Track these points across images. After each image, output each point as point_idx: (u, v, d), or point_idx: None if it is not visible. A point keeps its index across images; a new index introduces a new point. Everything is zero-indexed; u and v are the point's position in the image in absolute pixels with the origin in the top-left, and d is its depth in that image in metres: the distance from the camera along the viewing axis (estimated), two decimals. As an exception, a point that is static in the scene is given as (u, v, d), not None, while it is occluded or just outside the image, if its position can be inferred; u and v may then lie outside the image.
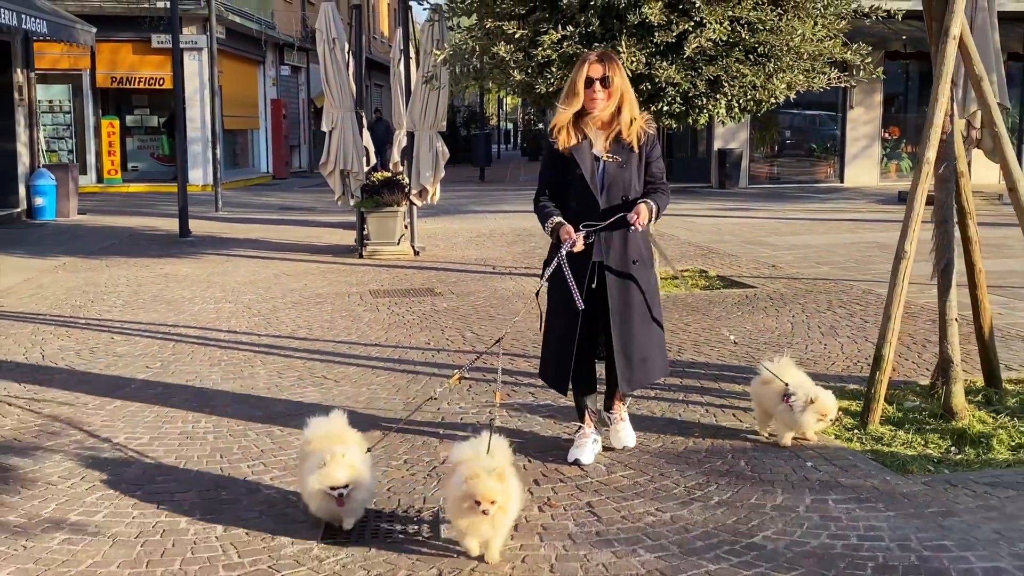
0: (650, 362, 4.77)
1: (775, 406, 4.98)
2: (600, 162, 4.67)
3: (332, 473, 3.87)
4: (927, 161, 5.36)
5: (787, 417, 4.92)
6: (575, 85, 4.60)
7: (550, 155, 4.78)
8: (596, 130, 4.69)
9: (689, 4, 8.59)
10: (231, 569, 3.73)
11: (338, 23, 12.62)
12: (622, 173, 4.65)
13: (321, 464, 3.89)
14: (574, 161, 4.66)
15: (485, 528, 3.68)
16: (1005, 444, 4.99)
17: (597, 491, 4.44)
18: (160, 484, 4.60)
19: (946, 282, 5.46)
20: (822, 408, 4.86)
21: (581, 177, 4.64)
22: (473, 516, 3.64)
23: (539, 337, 5.11)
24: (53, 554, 3.86)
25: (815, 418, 4.86)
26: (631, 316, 4.68)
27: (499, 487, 3.64)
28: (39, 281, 10.51)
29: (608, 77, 4.57)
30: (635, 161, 4.68)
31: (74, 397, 6.06)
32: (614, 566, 3.71)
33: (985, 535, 3.90)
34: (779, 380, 4.95)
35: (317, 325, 8.20)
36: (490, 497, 3.62)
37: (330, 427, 4.21)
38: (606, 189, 4.65)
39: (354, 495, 3.92)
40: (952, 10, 5.26)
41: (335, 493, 3.87)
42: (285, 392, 6.16)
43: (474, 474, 3.64)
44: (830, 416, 4.91)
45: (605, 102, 4.60)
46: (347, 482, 3.87)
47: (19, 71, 16.91)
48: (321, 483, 3.88)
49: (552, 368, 4.83)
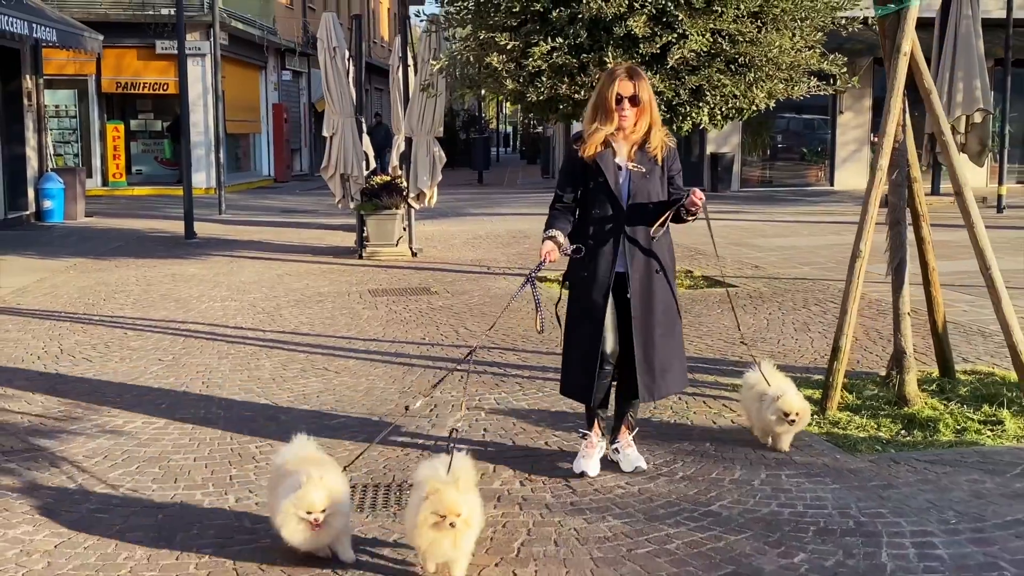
0: (671, 373, 4.76)
1: (754, 409, 5.14)
2: (624, 171, 4.67)
3: (308, 496, 3.66)
4: (880, 168, 5.82)
5: (763, 419, 5.06)
6: (607, 103, 4.61)
7: (571, 162, 4.76)
8: (620, 140, 4.70)
9: (672, 17, 9.05)
10: (243, 532, 4.18)
11: (339, 32, 13.08)
12: (646, 183, 4.66)
13: (296, 487, 3.70)
14: (598, 169, 4.65)
15: (447, 546, 3.58)
16: (950, 427, 5.43)
17: (572, 468, 4.89)
18: (176, 461, 5.05)
19: (899, 280, 5.91)
20: (783, 405, 4.94)
21: (604, 184, 4.65)
22: (436, 533, 3.54)
23: (528, 334, 5.54)
24: (83, 519, 4.32)
25: (776, 416, 4.94)
26: (653, 326, 4.67)
27: (463, 500, 3.56)
28: (52, 281, 10.97)
29: (637, 95, 4.60)
30: (658, 173, 4.70)
31: (93, 386, 6.52)
32: (585, 530, 4.16)
33: (919, 504, 4.35)
34: (762, 384, 5.06)
35: (319, 321, 8.65)
36: (455, 510, 3.53)
37: (300, 451, 4.02)
38: (631, 198, 4.65)
39: (331, 520, 3.71)
40: (903, 29, 5.71)
41: (311, 517, 3.67)
42: (289, 382, 6.61)
43: (435, 488, 3.56)
44: (792, 415, 4.94)
45: (635, 119, 4.64)
46: (323, 506, 3.67)
47: (28, 77, 17.38)
48: (297, 507, 3.67)
49: (577, 380, 4.77)
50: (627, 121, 4.62)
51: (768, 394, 5.01)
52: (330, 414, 5.87)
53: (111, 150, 24.26)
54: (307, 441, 4.12)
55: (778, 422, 4.97)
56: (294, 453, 4.00)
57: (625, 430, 4.93)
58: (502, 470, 4.89)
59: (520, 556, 3.93)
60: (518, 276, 11.01)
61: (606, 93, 4.61)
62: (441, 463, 3.70)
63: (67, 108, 24.14)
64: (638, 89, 4.60)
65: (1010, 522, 4.14)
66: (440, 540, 3.55)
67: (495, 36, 9.41)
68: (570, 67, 9.22)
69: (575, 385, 4.80)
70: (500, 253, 13.20)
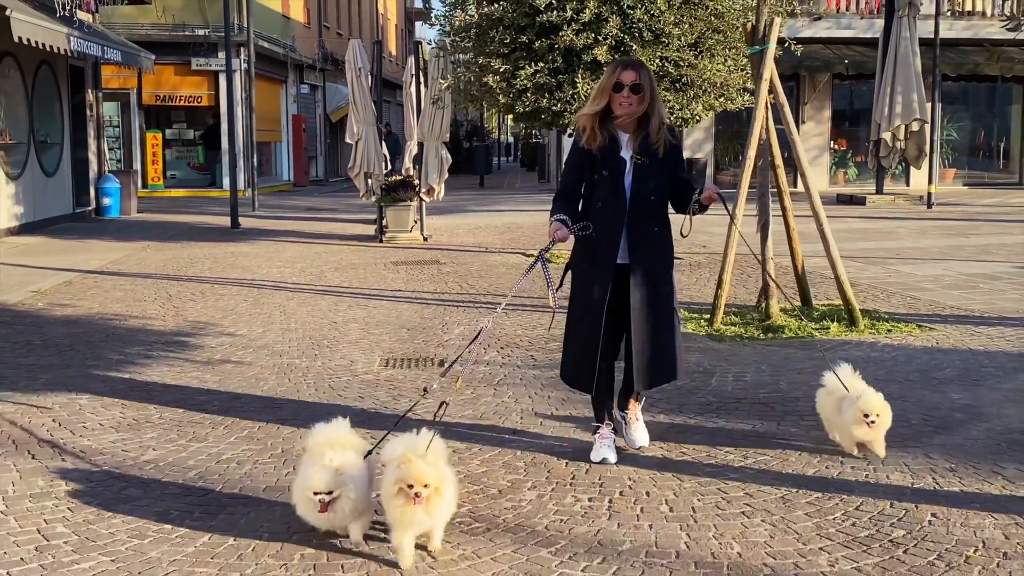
0: (668, 363, 4.82)
1: (834, 414, 4.97)
2: (628, 163, 4.71)
3: (315, 477, 3.77)
4: (749, 157, 8.48)
5: (841, 423, 4.90)
6: (604, 88, 4.68)
7: (576, 154, 4.82)
8: (624, 133, 4.74)
9: (628, 47, 11.71)
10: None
11: (363, 55, 15.79)
12: (650, 176, 4.70)
13: (310, 468, 3.83)
14: (602, 161, 4.71)
15: (421, 516, 3.64)
16: (793, 331, 8.08)
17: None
18: (279, 347, 7.71)
19: (764, 235, 8.56)
20: (863, 406, 4.72)
21: (608, 177, 4.70)
22: (407, 503, 3.60)
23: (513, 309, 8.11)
24: (225, 366, 6.98)
25: (856, 418, 4.74)
26: (651, 317, 4.72)
27: (431, 470, 3.62)
28: (136, 256, 13.67)
29: (639, 83, 4.63)
30: (661, 165, 4.73)
31: (203, 313, 9.19)
32: (539, 374, 6.80)
33: (745, 361, 7.00)
34: (841, 388, 4.91)
35: (355, 280, 11.32)
36: (423, 480, 3.58)
37: (330, 433, 4.06)
38: (634, 191, 4.71)
39: (339, 503, 3.77)
40: (764, 62, 8.37)
41: (316, 498, 3.76)
42: (341, 312, 9.27)
43: (405, 459, 3.62)
44: (872, 416, 4.72)
45: (635, 107, 4.65)
46: (329, 488, 3.74)
47: (90, 91, 20.11)
48: (303, 486, 3.80)
49: (576, 368, 4.86)
50: (628, 108, 4.65)
51: (847, 397, 4.84)
52: (373, 327, 8.53)
53: (150, 156, 27.00)
54: (342, 423, 4.13)
55: (857, 424, 4.75)
56: (324, 435, 4.04)
57: (634, 403, 5.10)
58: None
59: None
60: (511, 253, 13.66)
61: (605, 81, 4.71)
62: (404, 440, 3.84)
63: (111, 118, 26.85)
64: (639, 77, 4.65)
65: (800, 368, 6.80)
66: (413, 512, 3.61)
67: (491, 61, 12.09)
68: (549, 85, 11.89)
69: (576, 374, 4.89)
70: (497, 239, 15.87)
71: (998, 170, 27.15)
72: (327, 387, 6.51)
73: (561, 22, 11.46)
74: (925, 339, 7.71)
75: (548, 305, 4.77)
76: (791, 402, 5.97)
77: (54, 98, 18.37)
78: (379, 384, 6.57)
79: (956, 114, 26.89)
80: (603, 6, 11.47)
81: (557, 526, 4.14)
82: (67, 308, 9.53)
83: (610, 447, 4.91)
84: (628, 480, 4.65)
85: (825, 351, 6.51)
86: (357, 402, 6.12)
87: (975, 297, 9.53)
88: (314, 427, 4.12)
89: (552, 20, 11.48)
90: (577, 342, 4.84)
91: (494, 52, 12.16)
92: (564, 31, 11.43)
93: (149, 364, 7.16)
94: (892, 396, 5.31)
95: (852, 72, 23.89)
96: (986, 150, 27.35)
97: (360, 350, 7.61)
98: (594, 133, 4.71)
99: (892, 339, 7.72)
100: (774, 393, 6.20)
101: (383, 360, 7.25)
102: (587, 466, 4.88)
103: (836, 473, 4.75)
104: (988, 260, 12.16)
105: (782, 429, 5.46)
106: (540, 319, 8.59)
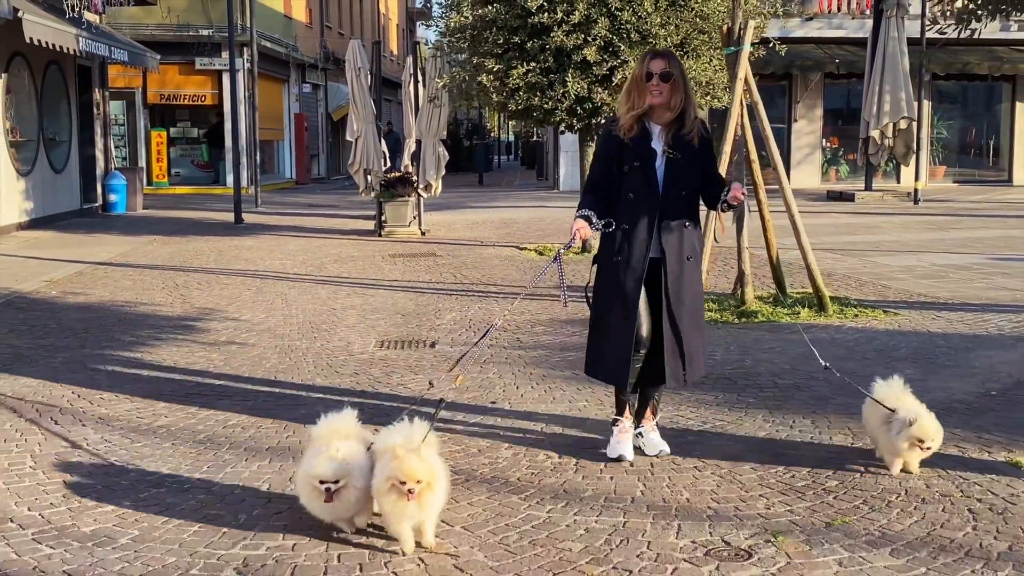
0: (696, 359, 4.78)
1: (880, 430, 4.66)
2: (661, 155, 4.67)
3: (322, 465, 3.77)
4: (724, 152, 8.95)
5: (888, 441, 4.59)
6: (639, 81, 4.65)
7: (607, 144, 4.78)
8: (656, 124, 4.70)
9: (616, 47, 12.19)
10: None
11: (363, 55, 16.27)
12: (681, 169, 4.67)
13: (315, 456, 3.85)
14: (634, 153, 4.67)
15: (412, 511, 3.68)
16: (765, 316, 8.56)
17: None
18: (281, 330, 8.20)
19: (740, 226, 9.03)
20: (919, 432, 4.42)
21: (640, 168, 4.66)
22: (399, 499, 3.64)
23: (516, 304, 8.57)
24: (230, 347, 7.47)
25: (908, 443, 4.44)
26: (682, 313, 4.68)
27: (423, 466, 3.64)
28: (143, 249, 14.17)
29: (669, 72, 4.60)
30: (693, 159, 4.70)
31: (209, 300, 9.69)
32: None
33: (720, 341, 7.47)
34: (884, 405, 4.61)
35: (354, 271, 11.82)
36: (415, 476, 3.61)
37: (338, 424, 4.07)
38: (666, 182, 4.67)
39: (344, 493, 3.78)
40: (739, 62, 8.84)
41: (323, 487, 3.76)
42: (340, 301, 9.75)
43: (397, 455, 3.64)
44: (927, 443, 4.44)
45: (667, 96, 4.61)
46: (335, 477, 3.75)
47: (97, 90, 20.61)
48: (310, 474, 3.80)
49: (609, 363, 4.78)
50: (660, 97, 4.61)
51: (898, 418, 4.49)
52: (370, 313, 9.02)
53: (155, 154, 27.51)
54: (349, 414, 4.14)
55: (911, 449, 4.49)
56: (330, 425, 4.06)
57: (650, 414, 5.01)
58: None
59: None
60: (505, 247, 14.14)
61: (638, 73, 4.67)
62: (399, 431, 3.84)
63: (116, 117, 27.32)
64: (669, 66, 4.62)
65: (767, 348, 7.28)
66: (405, 506, 3.66)
67: (485, 61, 12.57)
68: (541, 84, 12.36)
69: (606, 368, 4.82)
70: (492, 233, 16.35)
71: (987, 167, 27.62)
72: (325, 365, 7.00)
73: (552, 23, 11.93)
74: (888, 323, 8.20)
75: (526, 294, 5.14)
76: (753, 377, 6.46)
77: (62, 97, 18.87)
78: (373, 362, 7.06)
79: (946, 112, 27.36)
80: (592, 8, 11.95)
81: (528, 478, 4.63)
82: (80, 296, 10.03)
83: (627, 444, 4.84)
84: (597, 442, 5.13)
85: (804, 331, 6.72)
86: (352, 378, 6.61)
87: (943, 286, 10.01)
88: (321, 417, 4.13)
89: (543, 21, 11.95)
90: (609, 337, 4.75)
91: (488, 52, 12.63)
92: (555, 32, 11.91)
93: (159, 345, 7.65)
94: (849, 372, 5.83)
95: (843, 71, 24.36)
96: (976, 148, 27.82)
97: (357, 333, 8.10)
98: (630, 125, 4.67)
99: (857, 323, 8.21)
100: (739, 369, 6.68)
101: (378, 342, 7.74)
102: (560, 429, 5.37)
103: (784, 436, 5.24)
104: (963, 252, 12.64)
105: (741, 399, 5.95)
106: (527, 306, 9.06)
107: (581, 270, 10.00)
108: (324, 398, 6.02)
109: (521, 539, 3.93)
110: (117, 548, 3.86)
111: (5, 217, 15.87)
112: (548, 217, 18.57)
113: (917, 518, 4.09)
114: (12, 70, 16.38)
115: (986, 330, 7.84)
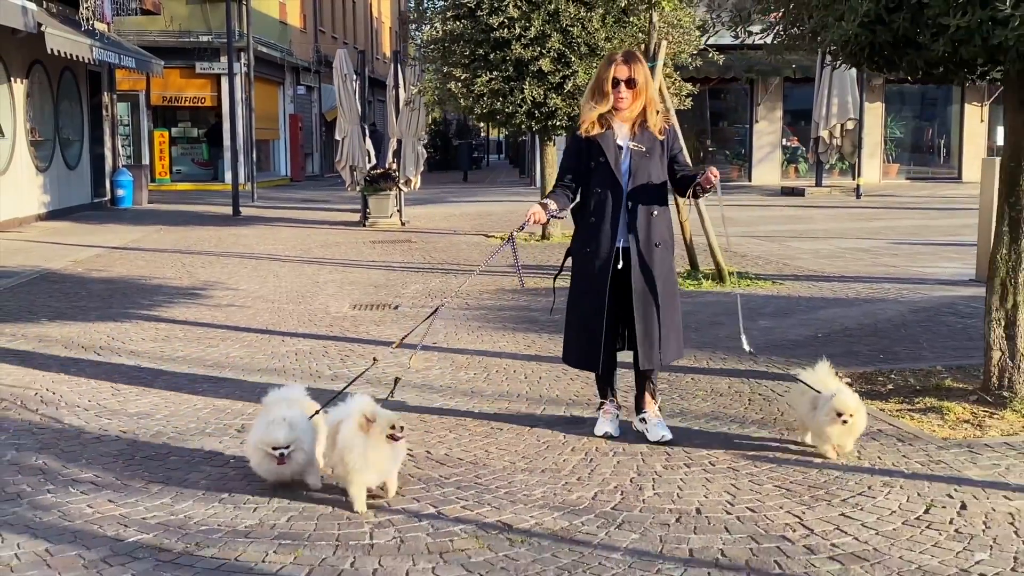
0: (670, 343, 4.93)
1: (809, 415, 4.80)
2: (625, 150, 4.85)
3: (276, 432, 4.17)
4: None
5: (817, 425, 4.72)
6: (603, 85, 4.83)
7: (575, 144, 4.98)
8: (620, 122, 4.88)
9: (568, 59, 13.95)
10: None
11: (349, 64, 18.03)
12: (647, 162, 4.83)
13: (265, 425, 4.24)
14: (599, 148, 4.85)
15: (399, 452, 4.25)
16: (736, 286, 10.22)
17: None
18: (273, 297, 9.94)
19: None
20: (838, 404, 4.56)
21: (605, 164, 4.83)
22: (388, 443, 4.07)
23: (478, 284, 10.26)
24: (231, 311, 9.22)
25: (829, 418, 4.58)
26: (653, 298, 4.84)
27: (397, 416, 4.11)
28: (152, 237, 15.93)
29: (633, 78, 4.79)
30: (658, 151, 4.87)
31: (213, 276, 11.44)
32: (467, 312, 9.04)
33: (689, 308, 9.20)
34: (812, 390, 4.76)
35: (337, 254, 13.57)
36: (401, 422, 4.11)
37: (286, 394, 4.53)
38: (631, 176, 4.84)
39: (294, 455, 4.19)
40: (654, 76, 10.60)
41: (276, 453, 4.16)
42: (323, 277, 11.50)
43: (381, 413, 4.11)
44: (845, 415, 4.55)
45: (632, 101, 4.84)
46: (288, 442, 4.16)
47: (106, 94, 22.35)
48: (263, 441, 4.19)
49: (581, 349, 4.98)
50: (624, 103, 4.83)
51: (823, 397, 4.67)
52: (347, 285, 10.77)
53: (158, 153, 29.26)
54: (296, 386, 4.72)
55: (830, 422, 4.59)
56: (278, 395, 4.52)
57: (650, 400, 5.13)
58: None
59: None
60: (475, 235, 15.89)
61: (603, 76, 4.85)
62: (360, 401, 4.21)
63: (121, 118, 29.07)
64: (634, 72, 4.82)
65: (708, 323, 9.00)
66: (387, 449, 4.07)
67: (453, 70, 14.34)
68: (503, 91, 14.12)
69: (580, 355, 5.03)
70: (467, 223, 18.10)
71: (939, 165, 29.40)
72: (307, 320, 8.75)
73: (511, 38, 13.68)
74: (770, 290, 9.97)
75: (480, 271, 6.51)
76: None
77: (75, 100, 20.61)
78: (346, 318, 8.81)
79: (900, 113, 29.13)
80: (546, 24, 13.71)
81: (480, 386, 6.38)
82: (102, 272, 11.80)
83: (612, 422, 5.11)
84: (506, 356, 6.87)
85: (739, 296, 7.77)
86: (327, 328, 8.37)
87: (835, 264, 11.78)
88: (270, 391, 4.61)
89: (504, 36, 13.70)
90: (580, 324, 4.96)
91: (456, 63, 14.39)
92: (514, 45, 13.66)
93: (172, 307, 9.41)
94: (719, 323, 7.53)
95: (800, 76, 26.11)
96: (929, 147, 29.60)
97: (334, 299, 9.85)
98: (594, 123, 4.88)
99: (746, 290, 9.97)
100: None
101: (351, 305, 9.49)
102: (481, 359, 7.13)
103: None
104: (871, 239, 14.41)
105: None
106: (480, 280, 10.81)
107: (536, 253, 11.89)
108: (304, 341, 7.78)
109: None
110: (154, 421, 5.62)
111: (27, 209, 17.62)
112: (522, 210, 20.25)
113: (711, 403, 5.84)
114: (32, 77, 18.12)
115: (846, 295, 9.60)
